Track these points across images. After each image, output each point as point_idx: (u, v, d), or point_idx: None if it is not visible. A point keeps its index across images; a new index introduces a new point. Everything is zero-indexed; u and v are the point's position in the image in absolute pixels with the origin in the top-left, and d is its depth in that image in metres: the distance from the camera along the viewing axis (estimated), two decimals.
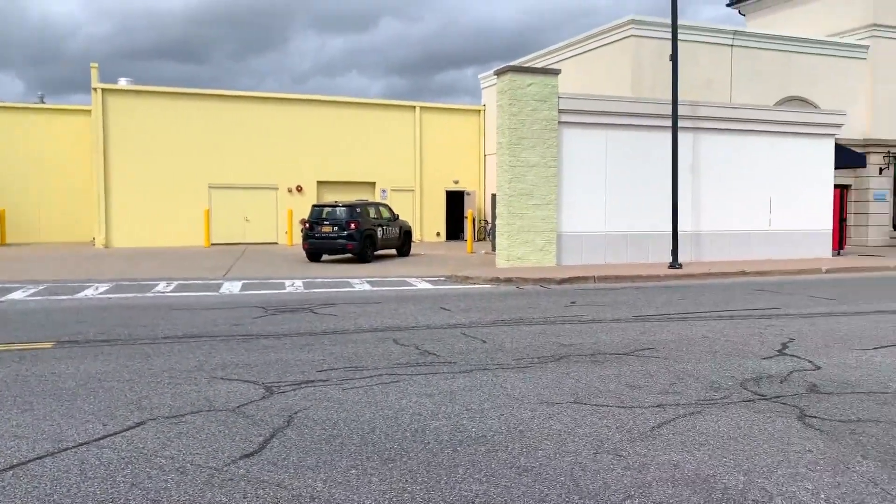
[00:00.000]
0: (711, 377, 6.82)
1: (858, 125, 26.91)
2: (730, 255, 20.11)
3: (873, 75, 27.29)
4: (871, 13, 27.18)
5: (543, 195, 18.12)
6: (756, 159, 20.47)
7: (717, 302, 12.42)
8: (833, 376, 6.87)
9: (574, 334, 9.09)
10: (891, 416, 5.59)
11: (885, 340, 8.72)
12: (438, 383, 6.56)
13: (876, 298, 12.98)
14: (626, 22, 23.86)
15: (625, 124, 18.98)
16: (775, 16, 30.53)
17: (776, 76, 25.91)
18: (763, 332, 9.34)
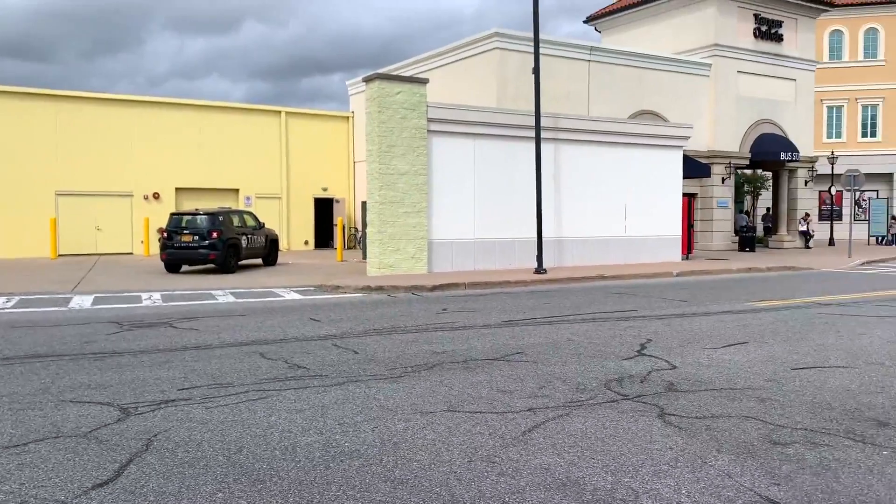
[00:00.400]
0: (578, 379, 7.04)
1: (703, 138, 28.95)
2: (590, 259, 21.02)
3: (715, 91, 29.48)
4: (712, 34, 29.35)
5: (414, 203, 18.18)
6: (613, 169, 21.54)
7: (580, 305, 12.91)
8: (688, 375, 7.27)
9: (446, 341, 9.14)
10: (740, 411, 5.97)
11: (732, 339, 9.36)
12: (309, 398, 6.37)
13: (722, 299, 13.94)
14: (491, 35, 24.46)
15: (492, 134, 19.43)
16: (628, 33, 32.34)
17: (630, 90, 27.42)
18: (623, 333, 9.78)
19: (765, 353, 8.37)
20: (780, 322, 10.87)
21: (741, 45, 30.01)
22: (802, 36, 32.18)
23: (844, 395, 6.48)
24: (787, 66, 31.54)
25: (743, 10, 30.12)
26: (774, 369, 7.53)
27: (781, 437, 5.27)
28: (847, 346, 8.88)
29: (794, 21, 31.73)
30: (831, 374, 7.28)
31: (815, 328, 10.26)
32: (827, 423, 5.59)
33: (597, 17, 34.39)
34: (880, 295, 14.74)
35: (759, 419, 5.71)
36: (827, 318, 11.34)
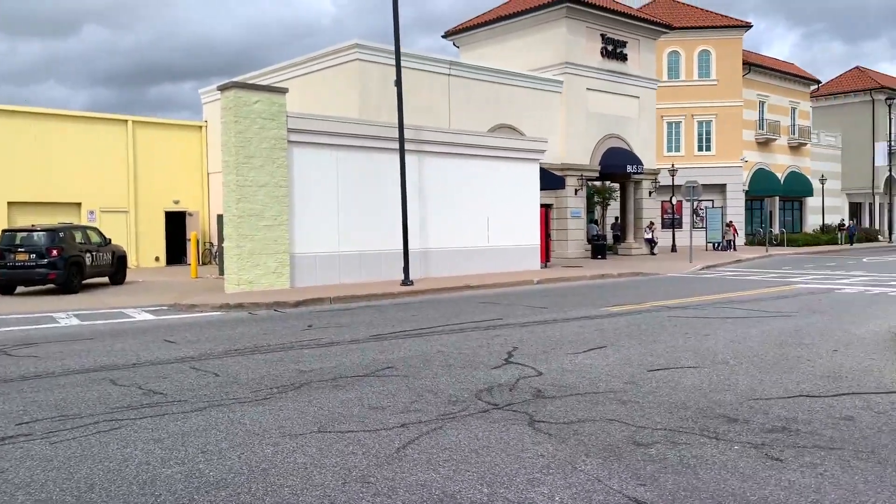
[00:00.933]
0: (449, 391, 7.04)
1: (557, 151, 30.19)
2: (455, 270, 21.30)
3: (567, 107, 30.85)
4: (563, 52, 30.73)
5: (275, 216, 17.67)
6: (475, 180, 21.98)
7: (448, 316, 13.01)
8: (554, 381, 7.47)
9: (313, 359, 8.89)
10: (604, 414, 6.18)
11: (591, 343, 9.74)
12: (168, 426, 5.96)
13: (580, 305, 14.52)
14: (351, 46, 24.32)
15: (355, 146, 19.27)
16: (486, 49, 33.22)
17: (489, 105, 28.14)
18: (491, 342, 9.93)
19: (622, 357, 8.76)
20: (634, 326, 11.44)
21: (590, 63, 31.63)
22: (644, 56, 34.39)
23: (697, 394, 6.87)
24: (632, 84, 33.57)
25: (591, 31, 31.77)
26: (632, 372, 7.89)
27: (644, 438, 5.49)
28: (695, 346, 9.47)
29: (637, 42, 33.85)
30: (684, 375, 7.72)
31: (665, 331, 10.89)
32: (683, 422, 5.90)
33: (455, 32, 35.08)
34: (720, 297, 15.90)
35: (622, 421, 5.93)
36: (676, 320, 12.07)
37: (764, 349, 9.21)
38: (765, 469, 4.78)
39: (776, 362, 8.36)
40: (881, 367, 8.02)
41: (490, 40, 33.36)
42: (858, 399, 6.61)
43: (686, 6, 45.79)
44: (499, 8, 34.68)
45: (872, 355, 8.77)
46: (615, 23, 32.60)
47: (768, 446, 5.25)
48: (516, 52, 31.98)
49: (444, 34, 35.69)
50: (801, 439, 5.41)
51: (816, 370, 7.89)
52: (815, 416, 6.05)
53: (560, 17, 30.66)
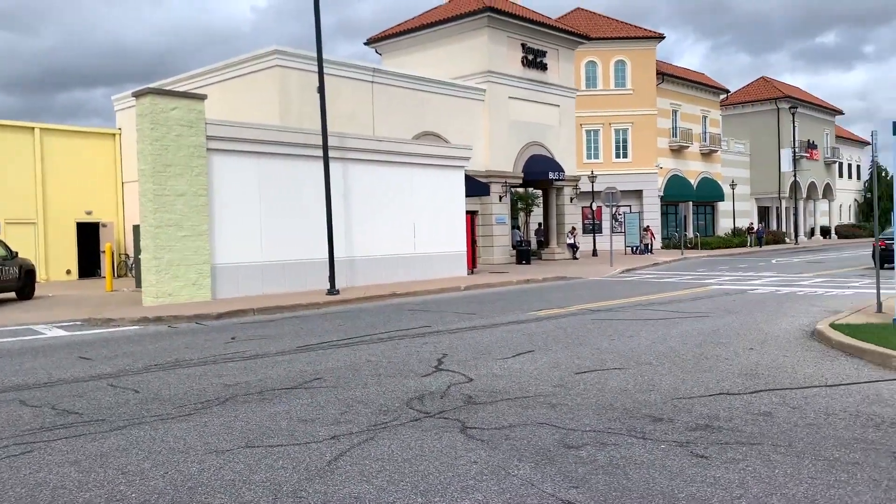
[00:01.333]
0: (380, 401, 6.97)
1: (481, 158, 30.49)
2: (382, 278, 21.18)
3: (490, 115, 31.21)
4: (485, 61, 31.09)
5: (194, 226, 17.17)
6: (400, 188, 21.94)
7: (376, 324, 12.91)
8: (484, 386, 7.49)
9: (239, 372, 8.65)
10: (535, 418, 6.24)
11: (520, 348, 9.83)
12: (85, 447, 5.68)
13: (507, 310, 14.66)
14: (271, 52, 23.93)
15: (277, 153, 18.95)
16: (409, 57, 33.29)
17: (413, 112, 28.17)
18: (420, 350, 9.89)
19: (550, 360, 8.88)
20: (560, 329, 11.63)
21: (511, 72, 32.11)
22: (564, 65, 35.16)
23: (623, 395, 7.02)
24: (552, 92, 34.27)
25: (512, 40, 32.27)
26: (560, 375, 8.00)
27: (574, 440, 5.57)
28: (620, 348, 9.69)
29: (556, 51, 34.58)
30: (610, 376, 7.88)
31: (591, 333, 11.10)
32: (611, 423, 6.01)
33: (377, 39, 35.01)
34: (641, 300, 16.35)
35: (553, 424, 6.00)
36: (600, 323, 12.33)
37: (684, 349, 9.51)
38: (691, 466, 4.91)
39: (696, 362, 8.63)
40: (794, 364, 8.39)
41: (413, 48, 33.45)
42: (775, 395, 6.89)
43: (602, 17, 47.10)
44: (421, 16, 34.82)
45: (786, 352, 9.17)
46: (535, 33, 33.23)
47: (693, 444, 5.40)
48: (439, 60, 32.17)
49: (367, 41, 35.58)
50: (723, 436, 5.59)
51: (734, 368, 8.19)
52: (736, 413, 6.27)
53: (482, 26, 31.03)
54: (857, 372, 7.91)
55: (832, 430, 5.71)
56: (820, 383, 7.38)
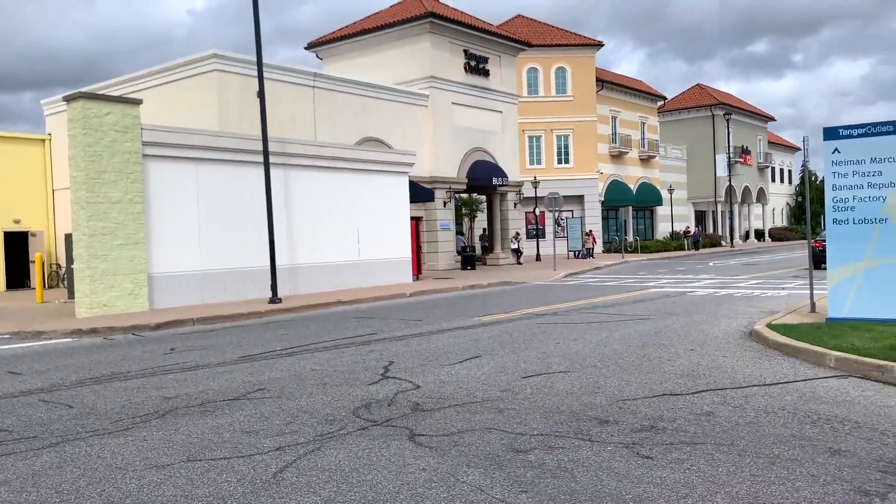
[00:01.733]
0: (326, 410, 6.86)
1: (425, 164, 30.48)
2: (326, 285, 20.94)
3: (433, 121, 31.25)
4: (428, 66, 31.14)
5: (130, 234, 16.67)
6: (344, 194, 21.75)
7: (320, 333, 12.73)
8: (432, 393, 7.45)
9: (178, 384, 8.40)
10: (483, 423, 6.22)
11: (466, 354, 9.82)
12: (16, 466, 5.41)
13: (453, 316, 14.66)
14: (209, 56, 23.47)
15: (217, 159, 18.56)
16: (351, 62, 33.08)
17: (355, 117, 27.99)
18: (366, 357, 9.79)
19: (497, 365, 8.89)
20: (506, 334, 11.68)
21: (454, 78, 32.24)
22: (506, 72, 35.49)
23: (569, 398, 7.07)
24: (494, 99, 34.53)
25: (454, 46, 32.40)
26: (507, 379, 8.02)
27: (522, 444, 5.57)
28: (565, 351, 9.78)
29: (498, 58, 34.87)
30: (556, 380, 7.93)
31: (536, 337, 11.18)
32: (559, 427, 6.04)
33: (318, 44, 34.70)
34: (584, 303, 16.56)
35: (501, 429, 6.00)
36: (545, 327, 12.43)
37: (628, 351, 9.65)
38: (637, 468, 4.96)
39: (640, 363, 8.77)
40: (733, 364, 8.60)
41: (355, 53, 33.27)
42: (716, 395, 7.04)
43: (542, 24, 47.73)
44: (363, 21, 34.68)
45: (725, 353, 9.40)
46: (477, 39, 33.45)
47: (639, 445, 5.46)
48: (382, 65, 32.08)
49: (307, 46, 35.24)
50: (667, 436, 5.67)
51: (676, 369, 8.35)
52: (679, 413, 6.38)
53: (424, 31, 31.08)
54: (793, 371, 8.15)
55: (772, 427, 5.86)
56: (759, 382, 7.57)
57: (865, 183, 10.56)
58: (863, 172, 10.58)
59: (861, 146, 10.60)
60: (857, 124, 10.83)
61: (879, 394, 6.96)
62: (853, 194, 10.65)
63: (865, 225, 10.54)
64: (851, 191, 10.66)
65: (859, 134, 10.69)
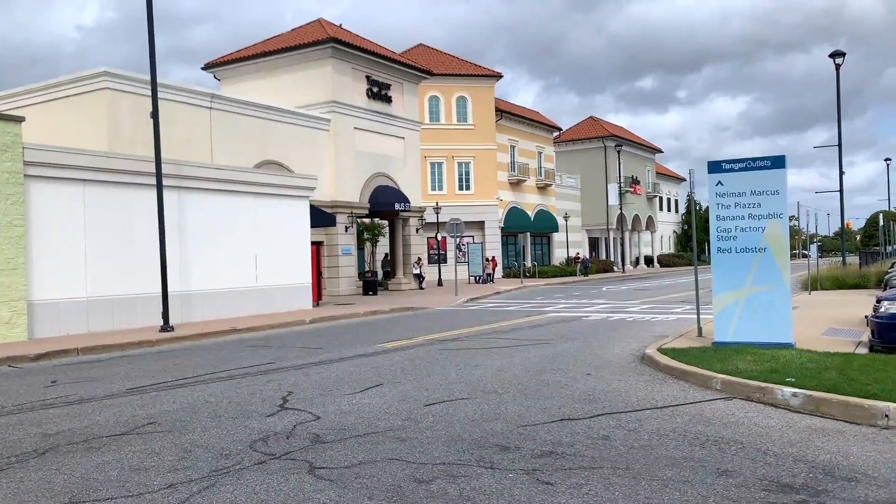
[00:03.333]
0: (221, 444, 6.60)
1: (327, 188, 30.21)
2: (221, 313, 20.27)
3: (335, 145, 31.06)
4: (330, 91, 31.01)
5: (9, 259, 15.62)
6: (242, 218, 21.21)
7: (215, 363, 12.29)
8: (332, 424, 7.31)
9: (61, 419, 7.88)
10: (385, 453, 6.15)
11: (368, 382, 9.72)
12: None
13: (354, 343, 14.49)
14: (100, 73, 22.52)
15: (106, 181, 17.72)
16: (251, 83, 32.50)
17: (255, 140, 27.45)
18: (263, 388, 9.52)
19: (399, 393, 8.84)
20: (408, 361, 11.64)
21: (356, 103, 32.23)
22: (408, 99, 35.80)
23: (471, 425, 7.11)
24: (397, 125, 34.74)
25: (356, 72, 32.44)
26: (409, 408, 7.97)
27: (424, 474, 5.54)
28: (466, 378, 9.83)
29: (400, 85, 35.15)
30: (458, 407, 7.95)
31: (438, 364, 11.20)
32: (461, 455, 6.05)
33: (216, 64, 33.95)
34: (485, 328, 16.75)
35: (403, 459, 5.95)
36: (447, 353, 12.47)
37: (527, 377, 9.81)
38: (538, 494, 5.02)
39: (539, 388, 8.93)
40: (627, 388, 8.89)
41: (255, 75, 32.74)
42: (612, 419, 7.25)
43: (444, 54, 48.56)
44: (263, 43, 34.22)
45: (619, 377, 9.70)
46: (379, 66, 33.63)
47: (539, 471, 5.54)
48: (283, 89, 31.69)
49: (205, 66, 34.40)
50: (566, 462, 5.78)
51: (574, 394, 8.55)
52: (577, 438, 6.52)
53: (326, 56, 30.97)
54: (683, 394, 8.51)
55: (664, 450, 6.07)
56: (651, 406, 7.85)
57: (746, 214, 11.24)
58: (744, 204, 11.26)
59: (742, 179, 11.30)
60: (738, 158, 11.55)
61: (761, 414, 7.36)
62: (735, 224, 11.31)
63: (747, 254, 11.20)
64: (734, 221, 11.32)
65: (740, 168, 11.39)
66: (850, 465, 5.56)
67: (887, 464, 5.60)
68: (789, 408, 7.56)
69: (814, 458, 5.78)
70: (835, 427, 6.79)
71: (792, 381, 8.03)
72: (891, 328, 10.29)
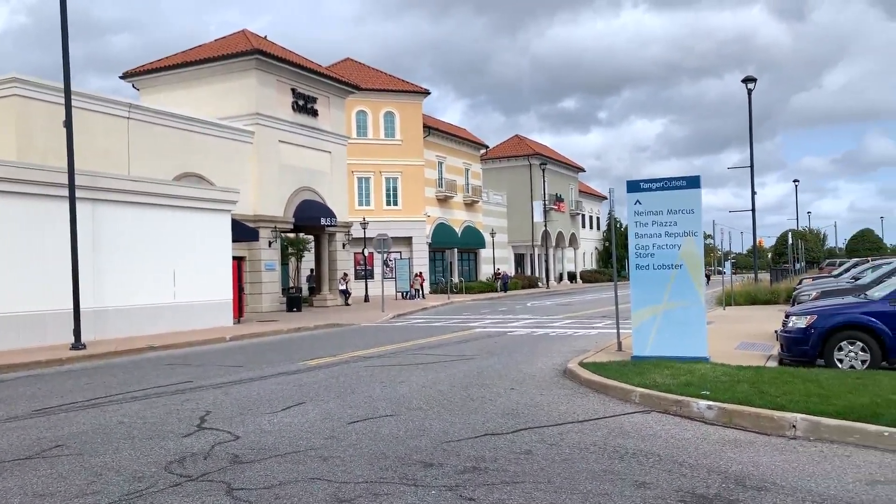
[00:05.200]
0: (134, 466, 6.34)
1: (250, 202, 29.61)
2: (137, 330, 19.54)
3: (259, 158, 30.53)
4: (254, 103, 30.49)
5: None
6: (160, 232, 20.55)
7: (129, 382, 11.82)
8: (252, 444, 7.12)
9: None
10: (306, 473, 6.03)
11: (290, 401, 9.52)
12: None
13: (277, 361, 14.19)
14: (9, 79, 21.52)
15: (14, 192, 16.89)
16: (171, 94, 31.64)
17: (175, 152, 26.70)
18: (180, 408, 9.20)
19: (322, 411, 8.70)
20: (333, 378, 11.48)
21: (281, 116, 31.80)
22: (335, 112, 35.57)
23: (395, 442, 7.05)
24: (323, 139, 34.43)
25: (281, 84, 32.03)
26: (332, 426, 7.85)
27: (347, 493, 5.45)
28: (391, 394, 9.76)
29: (327, 99, 34.90)
30: (382, 424, 7.88)
31: (363, 381, 11.08)
32: (384, 472, 5.98)
33: (135, 74, 32.94)
34: (411, 344, 16.70)
35: (325, 479, 5.84)
36: (372, 370, 12.36)
37: (452, 392, 9.81)
38: None
39: (463, 404, 8.94)
40: (549, 402, 9.00)
41: (176, 85, 31.90)
42: (534, 433, 7.31)
43: (371, 69, 48.54)
44: (185, 53, 33.41)
45: (542, 391, 9.82)
46: (305, 79, 33.32)
47: (462, 487, 5.53)
48: (205, 100, 30.98)
49: (123, 75, 33.31)
50: (489, 477, 5.79)
51: (498, 409, 8.60)
52: (500, 453, 6.55)
53: (250, 67, 30.48)
54: (603, 407, 8.67)
55: (585, 463, 6.17)
56: (573, 419, 7.97)
57: (663, 232, 11.60)
58: (661, 222, 11.63)
59: (659, 198, 11.67)
60: (656, 178, 11.94)
61: (678, 427, 7.56)
62: (653, 242, 11.66)
63: (664, 270, 11.55)
64: (651, 239, 11.67)
65: (657, 187, 11.77)
66: (760, 475, 5.76)
67: (794, 472, 5.83)
68: (704, 420, 7.80)
69: (726, 468, 5.98)
70: (746, 438, 7.04)
71: (707, 394, 8.29)
72: (798, 342, 10.78)
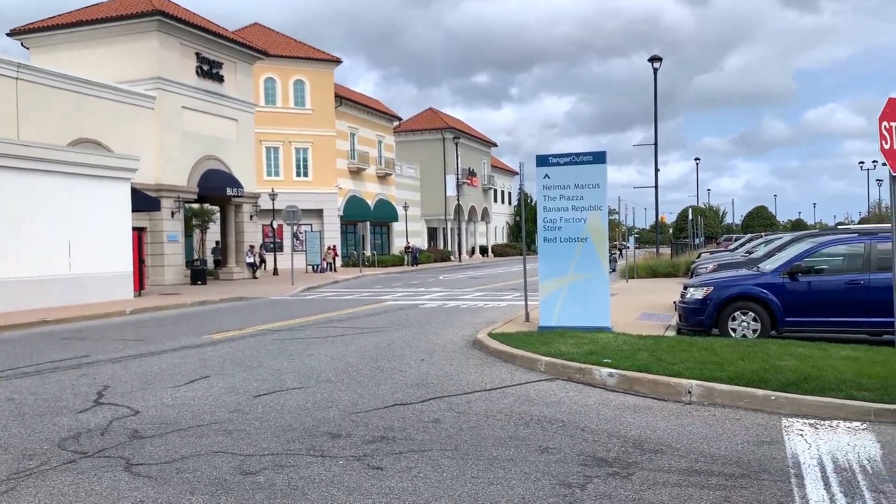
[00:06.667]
0: (24, 444, 6.03)
1: (151, 171, 28.39)
2: (27, 303, 18.51)
3: (161, 125, 29.26)
4: (155, 67, 29.12)
5: None
6: (52, 201, 19.46)
7: (20, 357, 11.21)
8: (153, 418, 6.90)
9: None
10: (209, 447, 5.89)
11: (194, 375, 9.26)
12: None
13: (180, 335, 13.77)
14: None
15: None
16: (65, 54, 29.79)
17: (69, 116, 25.25)
18: (76, 383, 8.80)
19: (227, 385, 8.50)
20: (238, 352, 11.23)
21: (185, 81, 30.53)
22: (241, 79, 34.43)
23: (303, 414, 6.97)
24: (229, 106, 33.31)
25: (185, 48, 30.72)
26: (238, 399, 7.69)
27: (251, 466, 5.36)
28: (299, 367, 9.64)
29: (233, 64, 33.72)
30: (289, 397, 7.78)
31: (270, 354, 10.89)
32: (291, 445, 5.92)
33: (24, 31, 30.84)
34: (321, 318, 16.52)
35: (229, 452, 5.72)
36: (279, 343, 12.17)
37: (362, 364, 9.79)
38: (368, 479, 5.02)
39: (373, 375, 8.93)
40: (458, 372, 9.11)
41: (70, 44, 30.07)
42: (443, 402, 7.39)
43: (280, 35, 47.20)
44: (81, 11, 31.50)
45: (452, 361, 9.93)
46: (210, 43, 32.07)
47: (370, 457, 5.53)
48: (103, 61, 29.34)
49: (10, 32, 31.15)
50: (397, 446, 5.82)
51: (408, 379, 8.63)
52: (409, 422, 6.59)
53: (151, 29, 29.06)
54: (510, 376, 8.84)
55: (491, 430, 6.28)
56: (481, 388, 8.10)
57: (570, 206, 11.86)
58: (568, 196, 11.87)
59: (567, 173, 11.90)
60: (564, 154, 12.16)
61: (581, 394, 7.80)
62: (560, 216, 11.90)
63: (570, 243, 11.83)
64: (559, 212, 11.91)
65: (565, 162, 11.99)
66: (656, 438, 6.02)
67: (689, 435, 6.13)
68: (606, 387, 8.08)
69: (626, 433, 6.21)
70: (645, 404, 7.33)
71: (609, 362, 8.58)
72: (695, 312, 11.29)
